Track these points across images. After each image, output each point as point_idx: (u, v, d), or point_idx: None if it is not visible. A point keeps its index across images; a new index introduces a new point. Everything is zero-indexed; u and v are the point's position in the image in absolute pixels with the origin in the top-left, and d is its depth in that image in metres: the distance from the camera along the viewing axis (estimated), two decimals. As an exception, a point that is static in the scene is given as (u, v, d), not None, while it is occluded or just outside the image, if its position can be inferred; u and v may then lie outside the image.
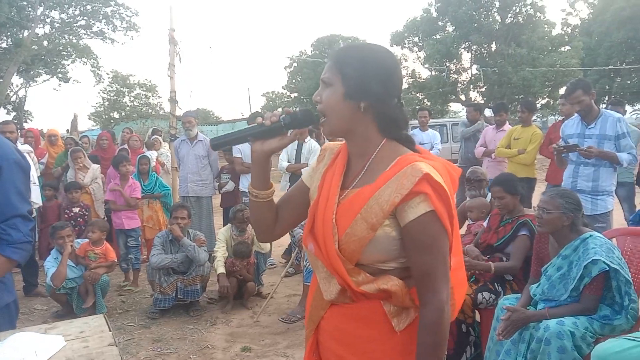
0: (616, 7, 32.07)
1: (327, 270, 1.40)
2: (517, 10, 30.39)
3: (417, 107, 23.55)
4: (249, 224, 5.30)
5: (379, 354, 1.38)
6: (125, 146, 7.71)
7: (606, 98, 30.56)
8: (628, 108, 36.23)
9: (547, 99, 31.59)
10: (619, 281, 2.76)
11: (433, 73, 32.46)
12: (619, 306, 2.79)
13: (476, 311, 3.38)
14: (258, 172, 1.49)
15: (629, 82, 34.02)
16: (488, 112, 11.40)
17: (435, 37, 31.89)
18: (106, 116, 39.76)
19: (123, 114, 38.74)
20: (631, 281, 2.80)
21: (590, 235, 2.87)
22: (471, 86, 33.01)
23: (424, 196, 1.28)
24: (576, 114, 4.44)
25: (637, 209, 4.37)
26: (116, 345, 1.74)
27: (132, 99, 41.59)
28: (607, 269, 2.71)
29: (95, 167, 6.58)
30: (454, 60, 32.60)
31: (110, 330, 1.86)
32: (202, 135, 6.65)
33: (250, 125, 1.45)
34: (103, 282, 4.82)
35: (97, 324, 1.94)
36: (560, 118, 6.43)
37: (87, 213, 6.00)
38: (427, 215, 1.28)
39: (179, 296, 4.79)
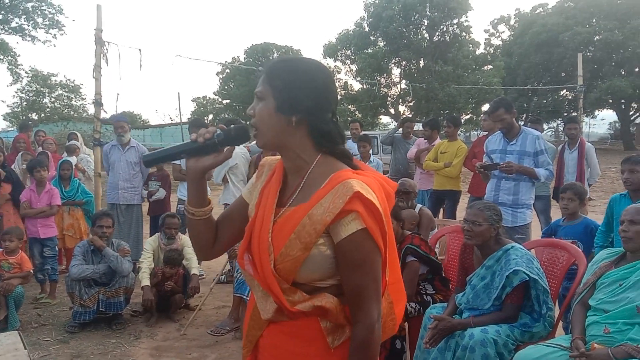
0: (534, 31, 34.31)
1: (263, 289, 1.38)
2: (445, 29, 31.70)
3: (349, 119, 23.99)
4: (179, 233, 5.15)
5: None
6: (41, 149, 7.29)
7: (524, 116, 32.50)
8: (544, 125, 38.66)
9: (470, 114, 33.11)
10: (538, 290, 2.92)
11: (364, 86, 33.17)
12: (538, 314, 2.95)
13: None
14: (194, 189, 1.47)
15: (545, 101, 36.44)
16: (416, 126, 11.78)
17: (367, 51, 32.65)
18: (24, 117, 37.37)
19: (43, 115, 36.57)
20: (549, 290, 2.96)
21: (512, 247, 3.02)
22: (400, 100, 34.01)
23: (355, 214, 1.27)
24: (499, 131, 4.68)
25: (552, 221, 4.63)
26: (32, 365, 1.62)
27: (53, 99, 39.39)
28: (527, 278, 2.85)
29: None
30: (385, 75, 33.52)
31: (25, 348, 1.73)
32: (135, 141, 6.43)
33: (183, 142, 1.43)
34: (17, 294, 4.50)
35: (11, 341, 1.80)
36: (483, 133, 6.74)
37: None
38: (358, 233, 1.28)
39: (100, 309, 4.53)
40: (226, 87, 43.59)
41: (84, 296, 4.50)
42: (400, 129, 7.73)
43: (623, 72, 33.13)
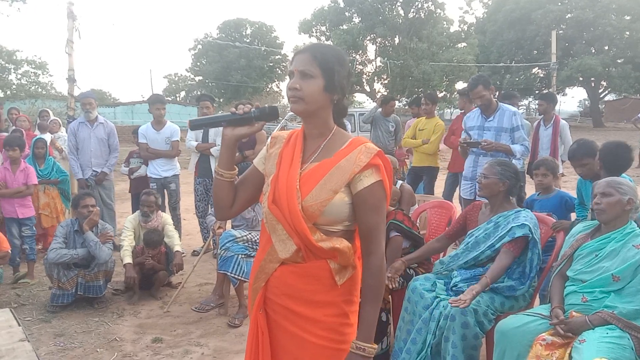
0: (507, 9, 34.48)
1: (285, 232, 1.62)
2: (420, 5, 31.66)
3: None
4: (159, 211, 5.11)
5: (324, 303, 1.65)
6: (14, 127, 7.09)
7: (497, 93, 32.83)
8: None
9: (444, 92, 33.30)
10: (534, 254, 3.09)
11: (339, 63, 32.93)
12: (526, 277, 3.09)
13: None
14: (226, 153, 1.71)
15: (517, 79, 36.81)
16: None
17: (342, 28, 32.41)
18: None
19: (8, 92, 35.44)
20: (541, 258, 3.14)
21: (525, 210, 3.22)
22: (375, 78, 33.98)
23: (376, 168, 1.60)
24: (477, 107, 4.75)
25: (527, 197, 4.74)
26: (28, 341, 1.62)
27: (19, 76, 38.17)
28: (530, 235, 3.03)
29: None
30: (360, 52, 33.37)
31: (19, 325, 1.73)
32: (102, 118, 6.29)
33: (224, 113, 1.68)
34: (-5, 275, 4.43)
35: (4, 318, 1.80)
36: (458, 111, 6.80)
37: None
38: (377, 183, 1.60)
39: (79, 292, 4.47)
40: (198, 64, 42.85)
41: (62, 279, 4.43)
42: (380, 108, 7.74)
43: (593, 51, 33.68)
